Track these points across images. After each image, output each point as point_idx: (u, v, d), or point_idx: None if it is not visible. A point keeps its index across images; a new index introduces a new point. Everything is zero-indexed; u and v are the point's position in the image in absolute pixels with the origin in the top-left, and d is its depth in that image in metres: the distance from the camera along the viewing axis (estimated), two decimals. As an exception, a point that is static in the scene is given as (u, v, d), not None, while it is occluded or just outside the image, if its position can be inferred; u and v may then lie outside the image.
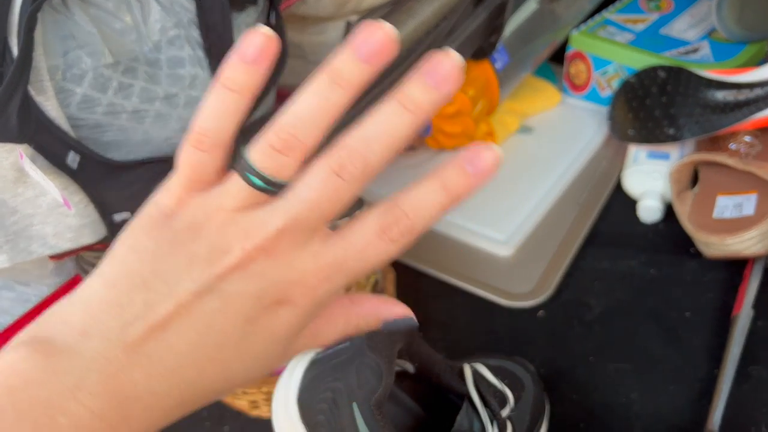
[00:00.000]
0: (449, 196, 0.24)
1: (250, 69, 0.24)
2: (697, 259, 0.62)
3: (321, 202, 0.24)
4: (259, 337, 0.25)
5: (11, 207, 0.44)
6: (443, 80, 0.23)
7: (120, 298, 0.24)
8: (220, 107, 0.25)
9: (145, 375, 0.24)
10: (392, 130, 0.24)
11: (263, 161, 0.24)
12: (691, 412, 0.50)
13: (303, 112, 0.24)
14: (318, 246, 0.25)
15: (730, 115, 0.64)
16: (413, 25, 0.62)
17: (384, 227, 0.25)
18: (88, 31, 0.44)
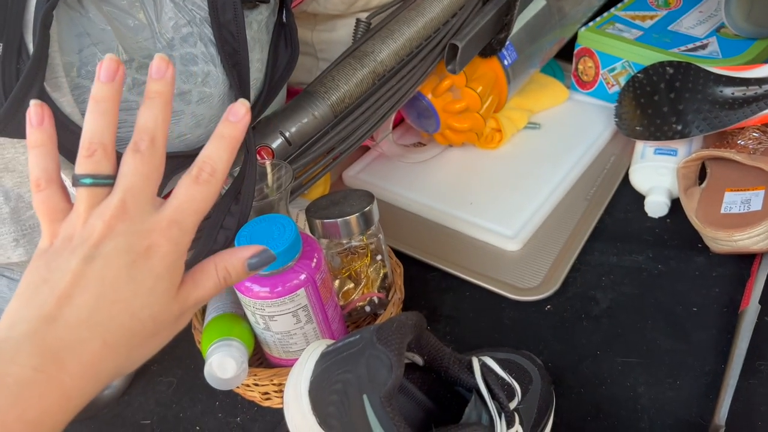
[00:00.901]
0: (228, 138, 0.34)
1: (38, 130, 0.34)
2: (705, 254, 0.62)
3: (137, 171, 0.33)
4: (144, 275, 0.32)
5: (27, 202, 0.45)
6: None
7: (29, 296, 0.31)
8: (36, 161, 0.34)
9: (66, 330, 0.30)
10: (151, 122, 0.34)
11: (82, 167, 0.33)
12: (698, 407, 0.50)
13: (90, 125, 0.33)
14: (157, 205, 0.33)
15: (738, 111, 0.64)
16: (422, 23, 0.63)
17: (195, 175, 0.34)
18: (102, 28, 0.44)
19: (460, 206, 0.70)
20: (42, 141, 0.34)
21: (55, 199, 0.34)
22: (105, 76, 0.34)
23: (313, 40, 0.74)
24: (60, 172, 0.35)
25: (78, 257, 0.31)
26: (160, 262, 0.32)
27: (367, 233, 0.55)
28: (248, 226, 0.47)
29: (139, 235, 0.32)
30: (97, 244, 0.32)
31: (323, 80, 0.59)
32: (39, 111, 0.34)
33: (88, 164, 0.33)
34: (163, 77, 0.34)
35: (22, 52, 0.40)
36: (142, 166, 0.33)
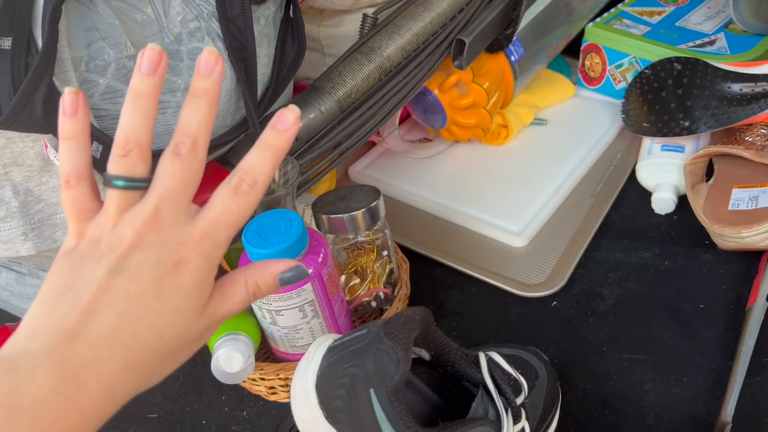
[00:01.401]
0: (273, 148, 0.31)
1: (71, 120, 0.32)
2: (712, 251, 0.62)
3: (174, 177, 0.31)
4: (172, 292, 0.30)
5: (36, 196, 0.45)
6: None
7: (52, 304, 0.29)
8: (68, 155, 0.32)
9: (87, 347, 0.28)
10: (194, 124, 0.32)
11: (116, 168, 0.31)
12: (705, 403, 0.50)
13: (126, 121, 0.31)
14: (192, 214, 0.31)
15: (746, 108, 0.64)
16: (429, 18, 0.63)
17: (234, 186, 0.31)
18: (110, 22, 0.44)
19: (466, 202, 0.70)
20: (75, 133, 0.32)
21: (85, 198, 0.32)
22: (147, 67, 0.31)
23: (319, 36, 0.74)
24: (92, 168, 0.32)
25: (104, 268, 0.29)
26: (190, 278, 0.30)
27: (374, 229, 0.55)
28: (255, 221, 0.47)
29: (170, 248, 0.30)
30: (125, 254, 0.30)
31: (330, 75, 0.59)
32: (73, 99, 0.31)
33: (122, 165, 0.31)
34: (211, 74, 0.31)
35: (31, 46, 0.40)
36: (180, 171, 0.31)
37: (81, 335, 0.28)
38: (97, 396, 0.28)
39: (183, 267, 0.30)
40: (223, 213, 0.31)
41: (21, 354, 0.28)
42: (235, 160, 0.54)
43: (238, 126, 0.52)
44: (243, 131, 0.52)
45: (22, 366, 0.27)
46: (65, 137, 0.31)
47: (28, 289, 0.55)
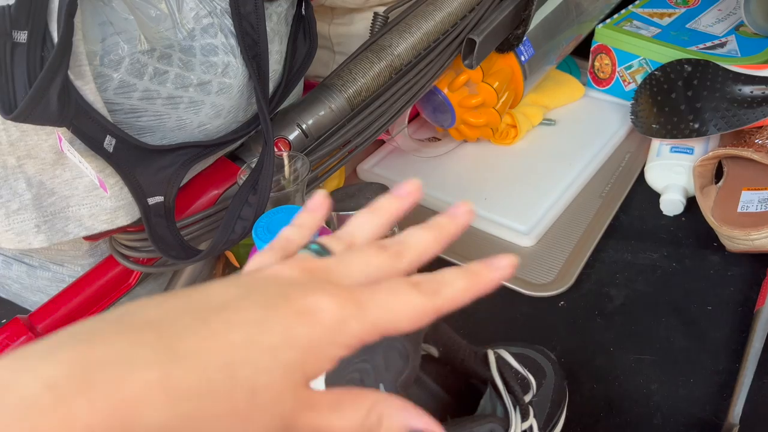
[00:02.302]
0: (473, 275, 0.27)
1: (309, 214, 0.30)
2: (720, 253, 0.62)
3: (365, 257, 0.26)
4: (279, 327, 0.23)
5: (49, 188, 0.46)
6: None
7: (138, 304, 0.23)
8: (287, 231, 0.30)
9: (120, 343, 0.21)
10: (419, 241, 0.28)
11: (322, 240, 0.28)
12: (712, 405, 0.50)
13: (354, 226, 0.29)
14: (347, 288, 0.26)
15: (756, 110, 0.64)
16: (440, 17, 0.63)
17: (416, 282, 0.26)
18: (124, 17, 0.45)
19: (474, 201, 0.68)
20: (304, 222, 0.30)
21: (273, 260, 0.28)
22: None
23: (330, 34, 0.75)
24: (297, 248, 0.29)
25: (220, 283, 0.24)
26: (305, 332, 0.22)
27: (383, 226, 0.55)
28: (265, 216, 0.47)
29: (305, 290, 0.24)
30: (252, 278, 0.25)
31: (340, 73, 0.59)
32: (319, 201, 0.31)
33: (331, 240, 0.28)
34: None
35: (46, 40, 0.40)
36: (382, 256, 0.26)
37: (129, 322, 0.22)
38: (101, 414, 0.19)
39: (307, 315, 0.23)
40: (390, 295, 0.25)
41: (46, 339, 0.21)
42: (245, 157, 0.55)
43: (249, 122, 0.53)
44: (254, 128, 0.53)
45: (33, 350, 0.20)
46: (294, 223, 0.30)
47: (38, 282, 0.55)
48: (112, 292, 0.52)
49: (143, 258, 0.51)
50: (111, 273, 0.52)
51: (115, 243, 0.51)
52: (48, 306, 0.50)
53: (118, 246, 0.51)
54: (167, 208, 0.48)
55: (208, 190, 0.52)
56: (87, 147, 0.43)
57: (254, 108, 0.53)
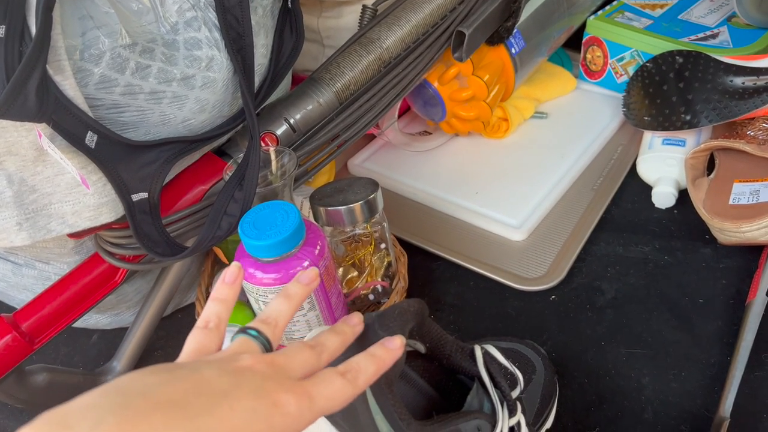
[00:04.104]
0: (377, 359, 0.34)
1: (230, 287, 0.36)
2: (712, 245, 0.61)
3: (301, 356, 0.33)
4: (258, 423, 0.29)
5: (30, 185, 0.45)
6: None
7: (143, 373, 0.28)
8: (215, 309, 0.35)
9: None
10: (335, 341, 0.35)
11: (255, 325, 0.34)
12: (703, 398, 0.50)
13: (275, 309, 0.36)
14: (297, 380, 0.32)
15: (748, 101, 0.63)
16: (429, 10, 0.62)
17: (342, 371, 0.33)
18: (105, 11, 0.44)
19: (465, 195, 0.69)
20: (227, 297, 0.36)
21: (212, 342, 0.34)
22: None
23: (318, 27, 0.74)
24: (226, 325, 0.35)
25: (214, 366, 0.30)
26: (281, 421, 0.29)
27: (372, 221, 0.54)
28: (252, 212, 0.47)
29: (276, 385, 0.30)
30: (236, 367, 0.30)
31: (328, 67, 0.59)
32: (236, 273, 0.37)
33: (261, 325, 0.34)
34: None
35: (24, 34, 0.39)
36: (312, 355, 0.33)
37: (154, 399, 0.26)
38: None
39: (279, 407, 0.29)
40: (328, 386, 0.32)
41: (80, 406, 0.26)
42: (232, 152, 0.54)
43: (235, 117, 0.52)
44: (240, 122, 0.52)
45: (76, 422, 0.25)
46: (218, 298, 0.36)
47: (24, 280, 0.54)
48: (98, 290, 0.52)
49: (129, 255, 0.50)
50: (97, 270, 0.51)
51: (101, 240, 0.51)
52: (33, 304, 0.50)
53: (103, 243, 0.51)
54: (152, 204, 0.47)
55: (194, 186, 0.52)
56: (68, 143, 0.42)
57: (240, 102, 0.52)
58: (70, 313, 0.51)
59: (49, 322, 0.50)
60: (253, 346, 0.33)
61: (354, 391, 0.32)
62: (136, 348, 0.55)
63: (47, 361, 0.60)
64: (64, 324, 0.51)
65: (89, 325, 0.60)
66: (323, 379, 0.32)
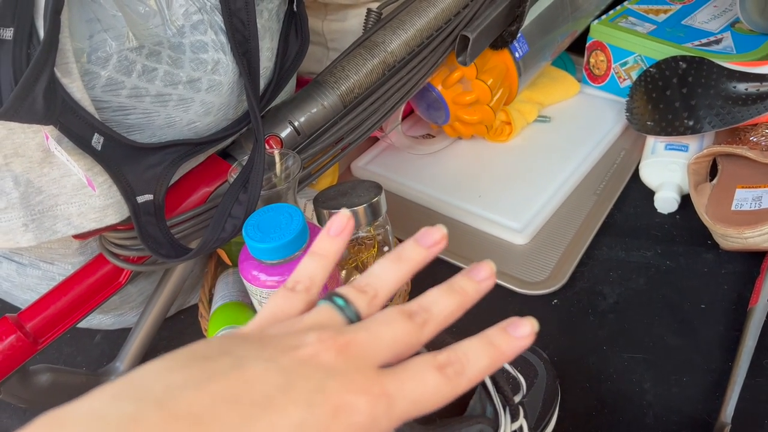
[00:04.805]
0: (496, 347, 0.27)
1: (334, 240, 0.30)
2: (714, 251, 0.62)
3: (391, 332, 0.26)
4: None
5: (37, 187, 0.45)
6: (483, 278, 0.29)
7: (173, 363, 0.23)
8: (309, 267, 0.29)
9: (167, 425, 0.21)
10: (445, 304, 0.28)
11: (346, 291, 0.28)
12: (704, 403, 0.50)
13: (379, 272, 0.29)
14: (378, 371, 0.25)
15: (751, 108, 0.63)
16: (433, 14, 0.62)
17: (442, 364, 0.26)
18: (112, 14, 0.44)
19: (468, 199, 0.70)
20: (328, 252, 0.29)
21: (293, 308, 0.28)
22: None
23: (323, 30, 0.74)
24: (321, 289, 0.29)
25: (263, 356, 0.23)
26: (347, 429, 0.23)
27: (375, 224, 0.55)
28: (256, 215, 0.47)
29: (342, 384, 0.23)
30: (294, 359, 0.24)
31: (333, 70, 0.59)
32: (344, 223, 0.30)
33: (352, 293, 0.27)
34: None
35: (33, 37, 0.40)
36: (398, 327, 0.26)
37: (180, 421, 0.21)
38: None
39: (342, 414, 0.23)
40: (416, 387, 0.24)
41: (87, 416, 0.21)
42: (237, 154, 0.54)
43: (240, 120, 0.52)
44: (245, 125, 0.52)
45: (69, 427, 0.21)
46: (317, 253, 0.29)
47: (28, 280, 0.55)
48: (102, 291, 0.52)
49: (133, 256, 0.51)
50: (101, 271, 0.51)
51: (105, 241, 0.51)
52: (37, 304, 0.50)
53: (107, 244, 0.51)
54: (157, 206, 0.48)
55: (199, 188, 0.52)
56: (75, 145, 0.43)
57: (245, 105, 0.52)
58: (75, 314, 0.51)
59: (53, 323, 0.50)
60: (335, 320, 0.26)
61: (452, 394, 0.25)
62: (139, 349, 0.55)
63: (50, 361, 0.60)
64: (68, 324, 0.51)
65: (93, 326, 0.61)
66: (413, 373, 0.25)
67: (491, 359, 0.27)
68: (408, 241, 0.29)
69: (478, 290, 0.29)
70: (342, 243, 0.30)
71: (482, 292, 0.29)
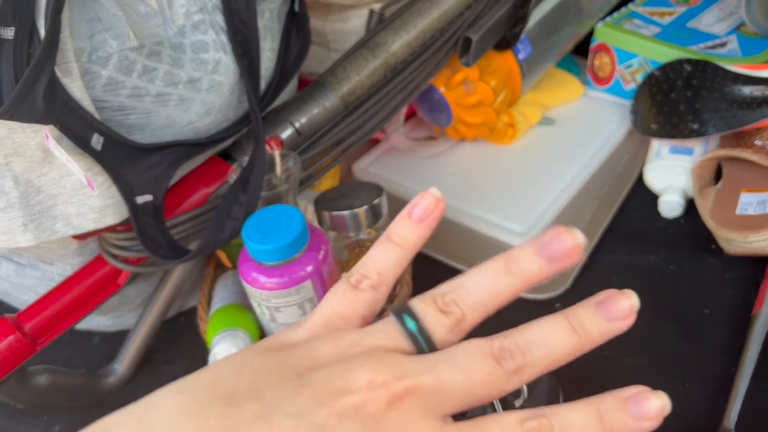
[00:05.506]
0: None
1: (417, 227, 0.24)
2: (718, 255, 0.61)
3: (467, 379, 0.21)
4: None
5: (36, 187, 0.45)
6: (617, 317, 0.23)
7: (191, 407, 0.20)
8: (383, 257, 0.24)
9: None
10: (554, 345, 0.23)
11: (422, 309, 0.22)
12: (707, 410, 0.50)
13: (473, 287, 0.23)
14: (443, 426, 0.20)
15: (756, 111, 0.63)
16: (436, 15, 0.62)
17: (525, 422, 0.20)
18: (113, 14, 0.44)
19: (470, 201, 0.69)
20: (407, 242, 0.24)
21: (356, 312, 0.23)
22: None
23: (325, 30, 0.74)
24: (391, 288, 0.24)
25: (295, 407, 0.19)
26: None
27: (376, 227, 0.54)
28: (256, 216, 0.47)
29: None
30: (333, 412, 0.19)
31: (334, 71, 0.59)
32: (432, 205, 0.24)
33: (431, 311, 0.22)
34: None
35: (33, 36, 0.39)
36: (482, 376, 0.21)
37: None
38: None
39: None
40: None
41: None
42: (237, 155, 0.54)
43: (241, 120, 0.52)
44: (245, 125, 0.52)
45: None
46: (393, 240, 0.24)
47: (27, 281, 0.55)
48: (101, 292, 0.52)
49: (132, 257, 0.50)
50: (100, 272, 0.51)
51: (104, 242, 0.51)
52: (36, 305, 0.50)
53: (107, 245, 0.51)
54: (156, 206, 0.47)
55: (199, 189, 0.52)
56: (74, 145, 0.43)
57: (245, 106, 0.52)
58: (74, 315, 0.51)
59: (52, 323, 0.50)
60: (399, 347, 0.21)
61: None
62: (137, 351, 0.55)
63: (48, 362, 0.59)
64: (67, 325, 0.51)
65: (91, 327, 0.60)
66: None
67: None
68: (531, 247, 0.23)
69: (605, 334, 0.22)
70: (427, 231, 0.24)
71: (609, 337, 0.22)
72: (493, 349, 0.22)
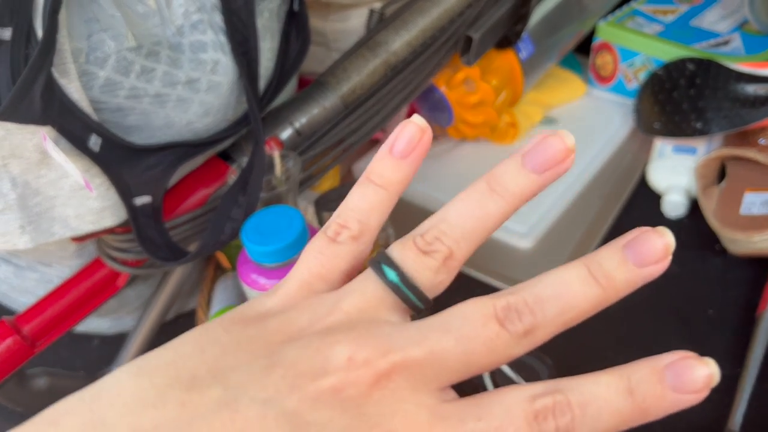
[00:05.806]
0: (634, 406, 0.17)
1: (400, 164, 0.22)
2: (722, 256, 0.61)
3: (465, 348, 0.18)
4: None
5: (34, 188, 0.45)
6: (649, 260, 0.19)
7: (148, 393, 0.18)
8: (364, 202, 0.21)
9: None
10: (571, 300, 0.19)
11: (402, 255, 0.19)
12: (712, 411, 0.49)
13: (454, 217, 0.20)
14: (437, 404, 0.18)
15: (760, 110, 0.62)
16: (437, 13, 0.62)
17: (538, 413, 0.17)
18: (111, 14, 0.44)
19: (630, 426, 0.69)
20: (389, 182, 0.21)
21: (337, 268, 0.20)
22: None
23: (326, 30, 0.74)
24: (377, 233, 0.21)
25: (263, 392, 0.17)
26: None
27: (377, 227, 0.54)
28: (255, 217, 0.46)
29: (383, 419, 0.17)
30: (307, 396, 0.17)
31: (334, 71, 0.58)
32: (416, 137, 0.21)
33: (412, 256, 0.19)
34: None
35: (30, 37, 0.39)
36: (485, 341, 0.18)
37: None
38: None
39: None
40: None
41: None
42: (236, 156, 0.54)
43: (240, 121, 0.52)
44: (245, 126, 0.52)
45: None
46: (373, 180, 0.21)
47: (26, 283, 0.54)
48: (100, 294, 0.51)
49: (131, 259, 0.50)
50: (99, 274, 0.51)
51: (103, 244, 0.50)
52: (35, 308, 0.49)
53: (105, 247, 0.50)
54: (155, 208, 0.47)
55: (198, 190, 0.51)
56: (72, 146, 0.42)
57: (245, 106, 0.52)
58: (72, 317, 0.51)
59: (50, 326, 0.50)
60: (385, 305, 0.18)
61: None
62: (136, 353, 0.55)
63: (47, 364, 0.59)
64: (65, 327, 0.50)
65: (90, 329, 0.60)
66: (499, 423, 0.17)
67: (620, 420, 0.17)
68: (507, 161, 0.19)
69: (634, 283, 0.19)
70: (412, 168, 0.21)
71: (638, 286, 0.19)
72: (497, 310, 0.19)
